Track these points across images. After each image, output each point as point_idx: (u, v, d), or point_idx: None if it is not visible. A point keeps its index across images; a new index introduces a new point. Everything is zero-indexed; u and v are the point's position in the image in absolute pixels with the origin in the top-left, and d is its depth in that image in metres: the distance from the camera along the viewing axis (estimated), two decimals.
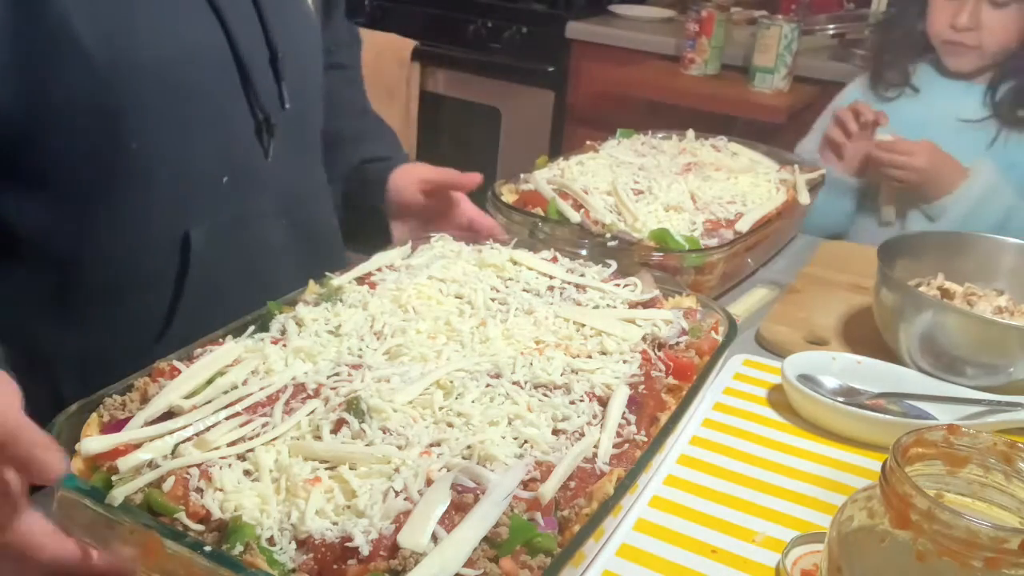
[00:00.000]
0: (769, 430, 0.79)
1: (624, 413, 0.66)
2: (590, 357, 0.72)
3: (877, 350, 0.89)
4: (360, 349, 0.72)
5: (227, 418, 0.62)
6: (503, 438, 0.61)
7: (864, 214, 1.47)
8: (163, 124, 0.82)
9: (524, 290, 0.82)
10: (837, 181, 1.42)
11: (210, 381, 0.66)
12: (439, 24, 2.73)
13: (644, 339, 0.75)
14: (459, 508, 0.55)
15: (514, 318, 0.76)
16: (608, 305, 0.81)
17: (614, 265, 0.88)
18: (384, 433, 0.61)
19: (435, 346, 0.72)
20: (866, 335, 0.93)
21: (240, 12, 0.87)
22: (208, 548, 0.52)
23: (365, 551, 0.52)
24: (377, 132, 1.22)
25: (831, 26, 2.43)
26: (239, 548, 0.52)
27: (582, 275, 0.86)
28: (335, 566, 0.52)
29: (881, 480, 0.49)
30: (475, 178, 1.07)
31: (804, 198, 1.16)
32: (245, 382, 0.67)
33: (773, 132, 1.65)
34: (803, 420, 0.80)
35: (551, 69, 2.57)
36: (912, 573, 0.48)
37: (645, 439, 0.65)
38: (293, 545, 0.53)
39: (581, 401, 0.67)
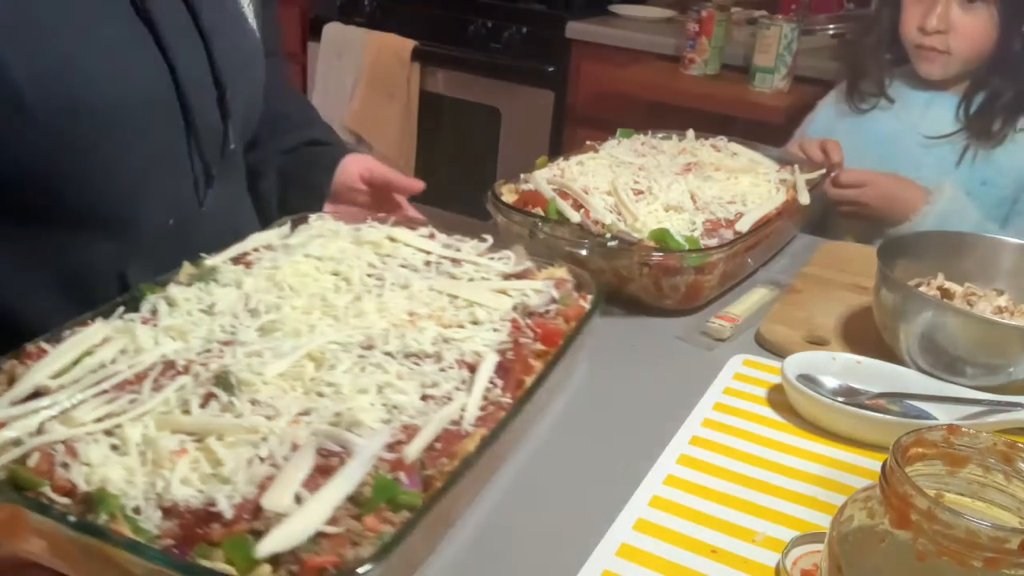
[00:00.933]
0: (769, 430, 0.79)
1: (492, 378, 0.68)
2: (462, 327, 0.74)
3: (877, 350, 0.89)
4: (233, 326, 0.72)
5: (94, 396, 0.62)
6: (372, 405, 0.63)
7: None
8: (101, 168, 0.80)
9: (401, 266, 0.84)
10: None
11: (78, 362, 0.66)
12: (439, 24, 2.73)
13: (515, 308, 0.78)
14: (324, 471, 0.56)
15: (389, 292, 0.78)
16: (483, 278, 0.83)
17: (490, 240, 0.90)
18: (253, 405, 0.62)
19: (309, 321, 0.73)
20: (866, 335, 0.93)
21: (187, 49, 0.85)
22: (72, 519, 0.52)
23: (228, 514, 0.53)
24: (321, 121, 1.23)
25: (831, 26, 2.43)
26: (104, 518, 0.53)
27: (458, 250, 0.88)
28: (199, 530, 0.53)
29: (881, 480, 0.49)
30: (417, 184, 1.09)
31: (804, 198, 1.16)
32: (114, 361, 0.66)
33: (773, 132, 1.65)
34: (803, 420, 0.80)
35: (551, 69, 2.57)
36: (912, 573, 0.48)
37: (510, 401, 0.67)
38: (159, 514, 0.54)
39: (451, 369, 0.68)
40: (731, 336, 0.95)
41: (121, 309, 0.73)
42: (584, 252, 0.97)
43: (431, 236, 0.90)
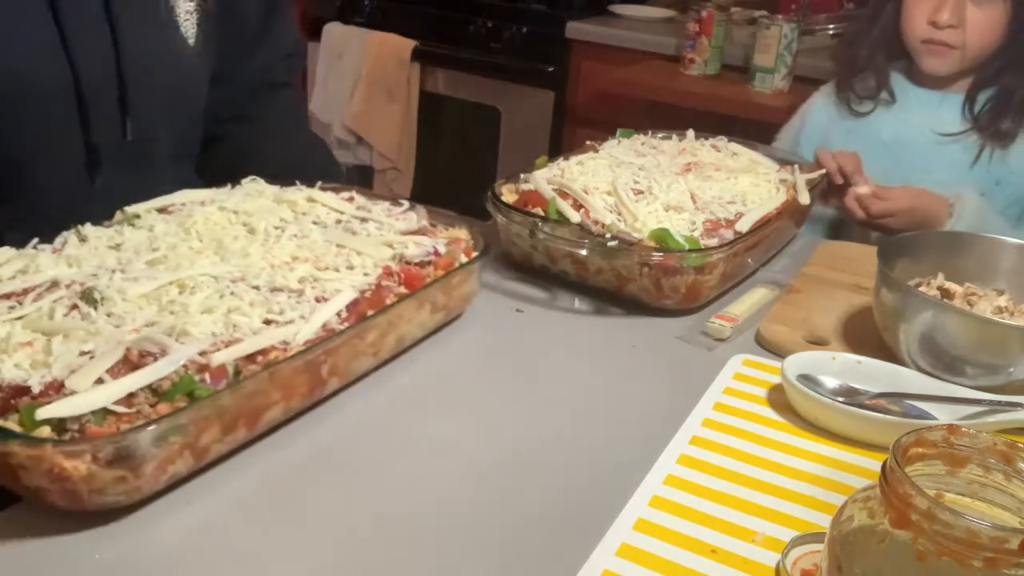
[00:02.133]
0: (769, 430, 0.79)
1: (341, 312, 0.74)
2: (337, 271, 0.79)
3: (877, 350, 0.89)
4: (129, 260, 0.78)
5: None
6: (213, 324, 0.69)
7: None
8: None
9: (313, 223, 0.88)
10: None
11: None
12: (439, 24, 2.73)
13: (392, 258, 0.83)
14: (137, 368, 0.64)
15: (285, 241, 0.83)
16: (380, 234, 0.87)
17: (406, 204, 0.94)
18: (108, 317, 0.69)
19: (196, 258, 0.78)
20: (866, 335, 0.93)
21: (94, 44, 0.86)
22: None
23: (36, 389, 0.61)
24: (318, 163, 1.21)
25: (831, 26, 2.43)
26: None
27: (369, 211, 0.93)
28: (12, 402, 0.61)
29: (881, 480, 0.49)
30: None
31: (804, 198, 1.16)
32: (13, 278, 0.74)
33: (773, 132, 1.65)
34: (803, 420, 0.80)
35: (551, 69, 2.57)
36: (912, 573, 0.48)
37: (342, 329, 0.73)
38: None
39: (307, 303, 0.74)
40: (731, 336, 0.95)
41: (36, 240, 0.80)
42: (584, 252, 0.97)
43: (350, 199, 0.95)
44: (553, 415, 0.80)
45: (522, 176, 1.11)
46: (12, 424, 0.60)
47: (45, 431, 0.59)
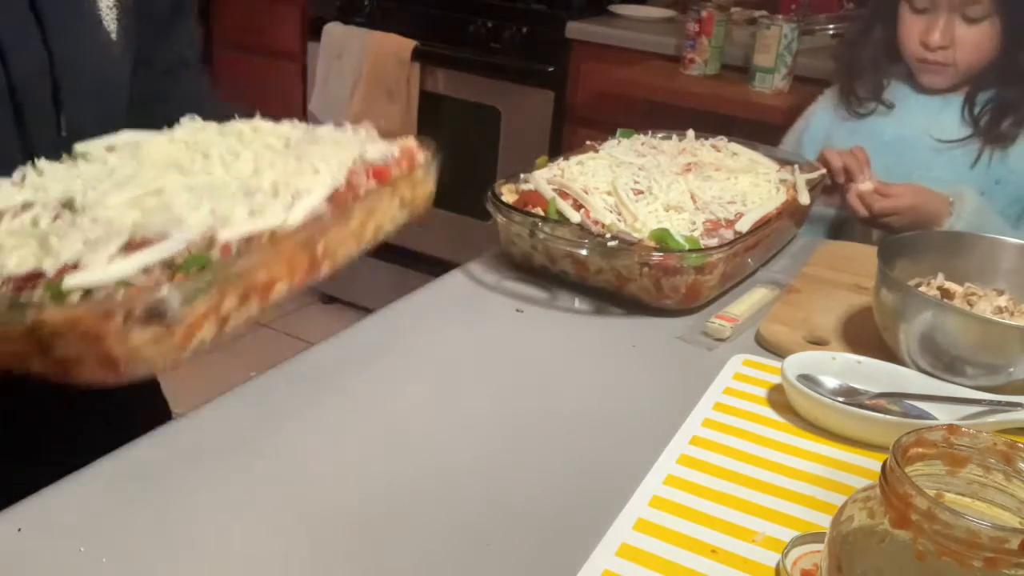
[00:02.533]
0: (769, 430, 0.79)
1: (323, 205, 0.76)
2: (303, 175, 0.81)
3: (877, 350, 0.89)
4: (95, 185, 0.77)
5: None
6: (200, 216, 0.70)
7: None
8: None
9: (264, 147, 0.88)
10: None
11: None
12: (439, 24, 2.72)
13: (354, 161, 0.84)
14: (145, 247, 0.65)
15: (242, 161, 0.83)
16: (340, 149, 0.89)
17: (349, 127, 0.96)
18: (93, 222, 0.68)
19: (162, 179, 0.78)
20: (866, 335, 0.93)
21: (22, 43, 0.87)
22: None
23: (51, 273, 0.61)
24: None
25: (831, 26, 2.43)
26: None
27: (316, 132, 0.93)
28: (29, 283, 0.61)
29: (881, 480, 0.49)
30: None
31: (804, 198, 1.16)
32: None
33: (773, 132, 1.65)
34: (803, 420, 0.80)
35: (551, 69, 2.57)
36: (912, 573, 0.48)
37: (328, 213, 0.76)
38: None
39: (285, 200, 0.75)
40: (731, 336, 0.95)
41: None
42: (584, 252, 0.97)
43: (293, 127, 0.96)
44: (553, 415, 0.80)
45: (522, 176, 1.11)
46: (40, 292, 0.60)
47: (75, 297, 0.60)
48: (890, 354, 0.88)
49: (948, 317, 0.83)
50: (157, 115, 1.18)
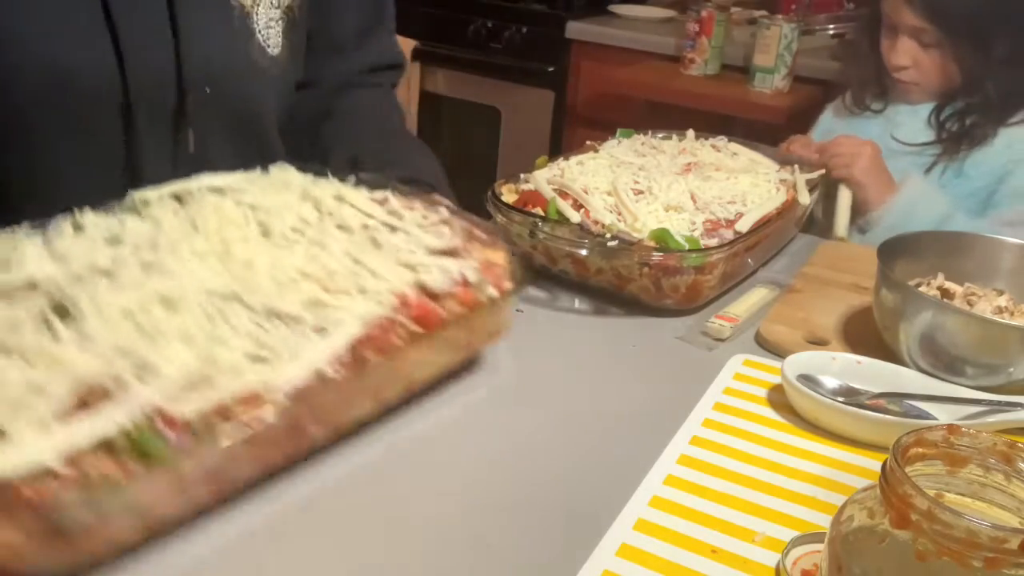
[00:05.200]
0: (769, 430, 0.79)
1: (340, 351, 0.64)
2: (347, 295, 0.69)
3: (877, 350, 0.89)
4: (123, 259, 0.69)
5: None
6: (188, 355, 0.59)
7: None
8: (20, 143, 0.76)
9: (338, 226, 0.78)
10: None
11: None
12: (439, 24, 2.73)
13: (412, 285, 0.71)
14: (89, 408, 0.54)
15: (298, 250, 0.73)
16: (410, 251, 0.77)
17: (444, 212, 0.83)
18: (79, 336, 0.60)
19: (196, 266, 0.68)
20: (866, 335, 0.93)
21: (149, 48, 0.80)
22: None
23: None
24: (412, 154, 1.14)
25: (831, 26, 2.43)
26: None
27: (402, 218, 0.82)
28: None
29: (881, 480, 0.49)
30: None
31: (804, 198, 1.16)
32: None
33: (773, 132, 1.66)
34: (803, 420, 0.80)
35: (551, 69, 2.57)
36: (912, 573, 0.48)
37: (337, 377, 0.62)
38: None
39: (302, 336, 0.63)
40: (731, 336, 0.95)
41: (26, 224, 0.71)
42: (584, 252, 0.97)
43: (384, 200, 0.83)
44: (552, 415, 0.80)
45: (522, 176, 1.11)
46: None
47: None
48: (890, 354, 0.88)
49: (948, 317, 0.83)
50: (324, 133, 1.07)
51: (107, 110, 0.80)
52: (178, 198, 0.78)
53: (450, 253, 0.78)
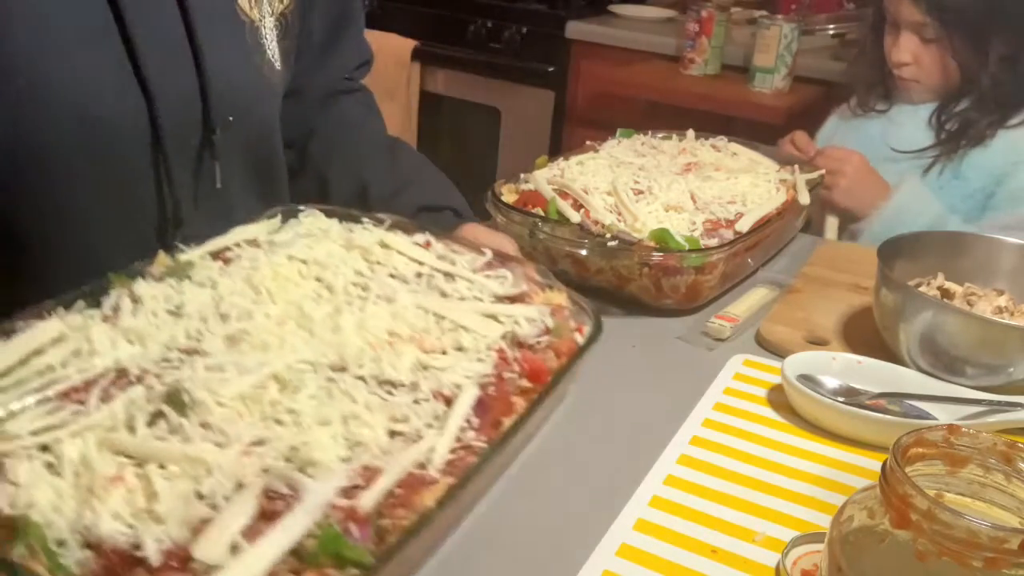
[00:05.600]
0: (769, 430, 0.79)
1: (468, 416, 0.62)
2: (444, 353, 0.68)
3: (877, 350, 0.89)
4: (199, 332, 0.66)
5: (37, 403, 0.57)
6: (333, 439, 0.57)
7: None
8: (46, 192, 0.75)
9: (391, 275, 0.77)
10: None
11: (26, 361, 0.61)
12: (439, 24, 2.73)
13: (503, 337, 0.71)
14: (269, 517, 0.51)
15: (372, 306, 0.72)
16: (475, 297, 0.76)
17: (489, 254, 0.83)
18: (204, 429, 0.56)
19: (281, 333, 0.67)
20: (866, 335, 0.93)
21: (174, 80, 0.78)
22: None
23: (155, 560, 0.48)
24: (422, 172, 1.11)
25: (831, 26, 2.43)
26: (22, 551, 0.48)
27: (452, 263, 0.81)
28: (122, 574, 0.48)
29: (881, 480, 0.49)
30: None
31: (804, 198, 1.16)
32: (64, 364, 0.61)
33: (773, 132, 1.65)
34: (803, 420, 0.80)
35: (551, 69, 2.57)
36: (912, 573, 0.48)
37: (484, 444, 0.61)
38: (83, 550, 0.49)
39: (426, 401, 0.62)
40: (731, 336, 0.95)
41: (82, 303, 0.68)
42: (584, 252, 0.97)
43: (427, 244, 0.83)
44: (552, 415, 0.80)
45: (522, 176, 1.11)
46: None
47: None
48: (890, 354, 0.88)
49: (948, 317, 0.83)
50: (314, 152, 1.02)
51: (137, 152, 0.79)
52: (216, 256, 0.76)
53: (518, 299, 0.78)
